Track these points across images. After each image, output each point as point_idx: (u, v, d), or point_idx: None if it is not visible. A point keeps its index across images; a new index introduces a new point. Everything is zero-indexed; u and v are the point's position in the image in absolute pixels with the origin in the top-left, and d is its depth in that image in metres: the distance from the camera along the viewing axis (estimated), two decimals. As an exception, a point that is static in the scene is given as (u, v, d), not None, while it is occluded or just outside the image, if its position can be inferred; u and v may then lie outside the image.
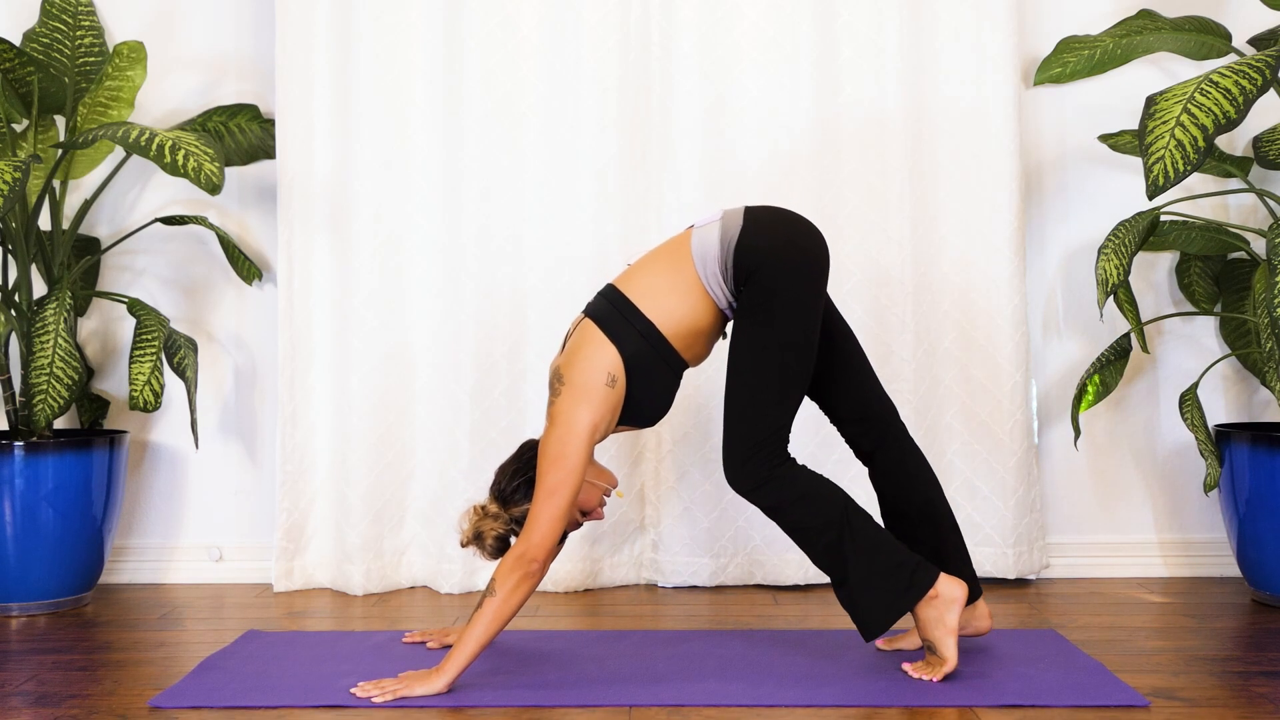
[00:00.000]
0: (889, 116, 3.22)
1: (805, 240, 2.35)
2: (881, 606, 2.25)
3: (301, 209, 3.27)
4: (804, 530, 2.29)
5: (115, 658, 2.60)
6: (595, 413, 2.28)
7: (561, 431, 2.28)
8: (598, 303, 2.39)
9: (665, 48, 3.24)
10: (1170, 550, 3.34)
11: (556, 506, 2.25)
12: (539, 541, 2.23)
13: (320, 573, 3.28)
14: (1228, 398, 3.36)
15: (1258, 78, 2.45)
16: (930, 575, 2.27)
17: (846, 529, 2.26)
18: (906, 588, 2.25)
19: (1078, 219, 3.37)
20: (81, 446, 3.06)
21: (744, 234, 2.31)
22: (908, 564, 2.27)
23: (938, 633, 2.27)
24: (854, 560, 2.26)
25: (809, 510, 2.28)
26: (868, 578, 2.26)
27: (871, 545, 2.27)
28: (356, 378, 3.23)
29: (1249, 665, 2.43)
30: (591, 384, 2.29)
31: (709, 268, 2.33)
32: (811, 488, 2.30)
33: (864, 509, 2.32)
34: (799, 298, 2.30)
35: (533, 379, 3.23)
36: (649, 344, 2.32)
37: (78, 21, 3.27)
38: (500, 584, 2.22)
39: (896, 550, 2.28)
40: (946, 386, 3.23)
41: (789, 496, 2.28)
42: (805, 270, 2.32)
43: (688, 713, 2.15)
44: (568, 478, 2.25)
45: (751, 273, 2.29)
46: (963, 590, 2.28)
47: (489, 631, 2.23)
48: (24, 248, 3.13)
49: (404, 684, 2.23)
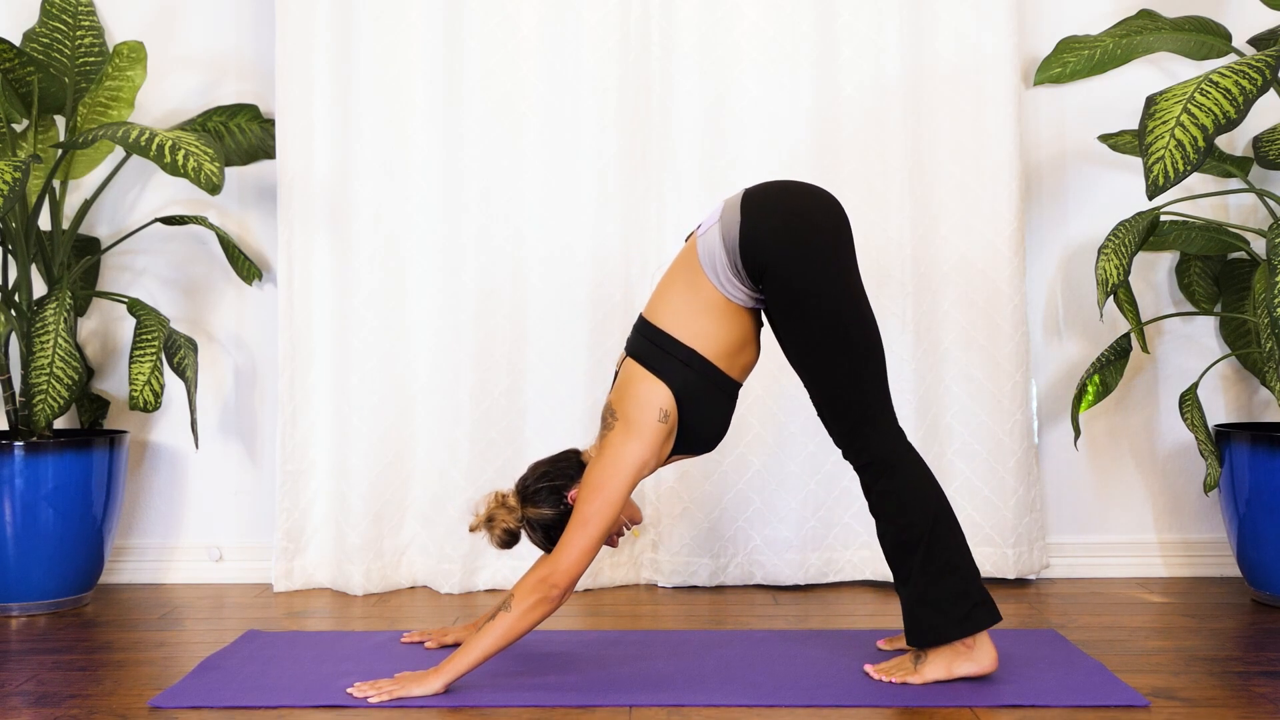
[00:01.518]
0: (889, 116, 3.22)
1: (805, 204, 2.29)
2: (933, 626, 2.24)
3: (301, 209, 3.27)
4: (885, 519, 2.28)
5: (115, 658, 2.60)
6: (646, 449, 2.26)
7: (607, 463, 2.26)
8: (635, 340, 2.36)
9: (665, 48, 3.24)
10: (1170, 550, 3.34)
11: (589, 536, 2.22)
12: (566, 568, 2.20)
13: (320, 573, 3.28)
14: (1228, 398, 3.36)
15: (1258, 78, 2.45)
16: (987, 619, 2.24)
17: (927, 536, 2.24)
18: (963, 619, 2.24)
19: (1078, 219, 3.37)
20: (81, 446, 3.06)
21: (743, 228, 2.25)
22: (972, 597, 2.24)
23: (938, 664, 2.26)
24: (921, 569, 2.24)
25: (898, 505, 2.26)
26: (929, 593, 2.24)
27: (945, 563, 2.24)
28: (356, 378, 3.23)
29: (1249, 665, 2.43)
30: (644, 420, 2.26)
31: (722, 275, 2.28)
32: (910, 484, 2.26)
33: (955, 522, 2.28)
34: (821, 274, 2.24)
35: (533, 379, 3.24)
36: (695, 372, 2.29)
37: (78, 21, 3.27)
38: (518, 601, 2.20)
39: (966, 579, 2.25)
40: (946, 386, 3.23)
41: (886, 485, 2.26)
42: (815, 241, 2.25)
43: (688, 713, 2.15)
44: (605, 509, 2.23)
45: (764, 267, 2.24)
46: (990, 666, 2.26)
47: (496, 645, 2.21)
48: (24, 248, 3.13)
49: (400, 685, 2.23)
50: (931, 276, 3.24)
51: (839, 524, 3.21)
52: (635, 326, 2.39)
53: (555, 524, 2.33)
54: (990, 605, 2.26)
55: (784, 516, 3.20)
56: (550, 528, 2.34)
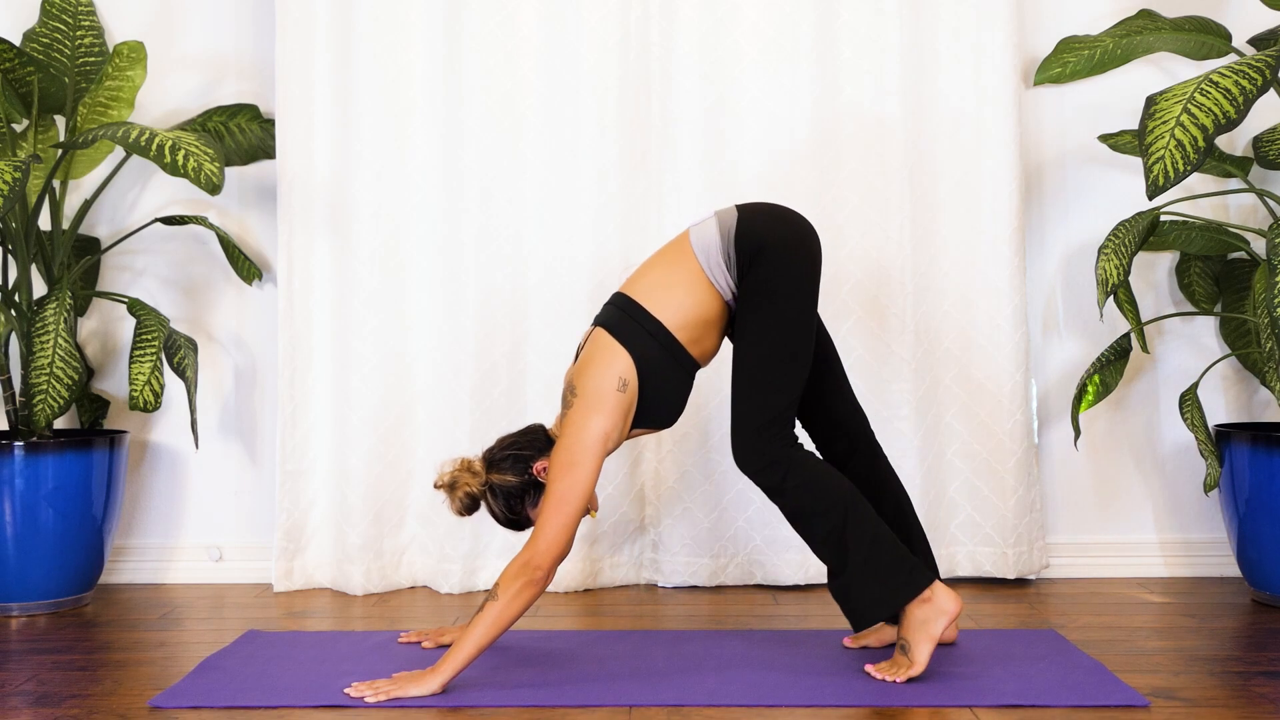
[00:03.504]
0: (889, 116, 3.22)
1: (799, 231, 2.41)
2: (876, 598, 2.27)
3: (301, 209, 3.27)
4: (806, 516, 2.31)
5: (115, 658, 2.60)
6: (607, 420, 2.29)
7: (571, 441, 2.28)
8: (606, 311, 2.43)
9: (665, 48, 3.24)
10: (1170, 550, 3.34)
11: (564, 515, 2.25)
12: (544, 549, 2.23)
13: (320, 573, 3.28)
14: (1228, 398, 3.36)
15: (1258, 78, 2.45)
16: (928, 577, 2.28)
17: (849, 518, 2.28)
18: (905, 584, 2.27)
19: (1078, 219, 3.37)
20: (81, 446, 3.06)
21: (741, 223, 2.38)
22: (907, 561, 2.29)
23: (918, 635, 2.27)
24: (854, 550, 2.27)
25: (813, 496, 2.30)
26: (865, 569, 2.27)
27: (872, 538, 2.28)
28: (357, 378, 3.23)
29: (1249, 665, 2.43)
30: (603, 391, 2.30)
31: (712, 258, 2.36)
32: (817, 474, 2.31)
33: (867, 502, 2.33)
34: (799, 280, 2.35)
35: (533, 379, 3.24)
36: (658, 343, 2.34)
37: (78, 21, 3.27)
38: (503, 589, 2.22)
39: (897, 546, 2.30)
40: (946, 386, 3.23)
41: (795, 480, 2.30)
42: (803, 255, 2.37)
43: (688, 713, 2.15)
44: (577, 486, 2.26)
45: (754, 255, 2.33)
46: (956, 605, 2.28)
47: (488, 635, 2.22)
48: (24, 248, 3.13)
49: (398, 684, 2.23)
50: (931, 276, 3.23)
51: (839, 524, 3.21)
52: (609, 300, 2.45)
53: (517, 492, 2.38)
54: (921, 567, 2.30)
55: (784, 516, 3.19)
56: (511, 495, 2.38)
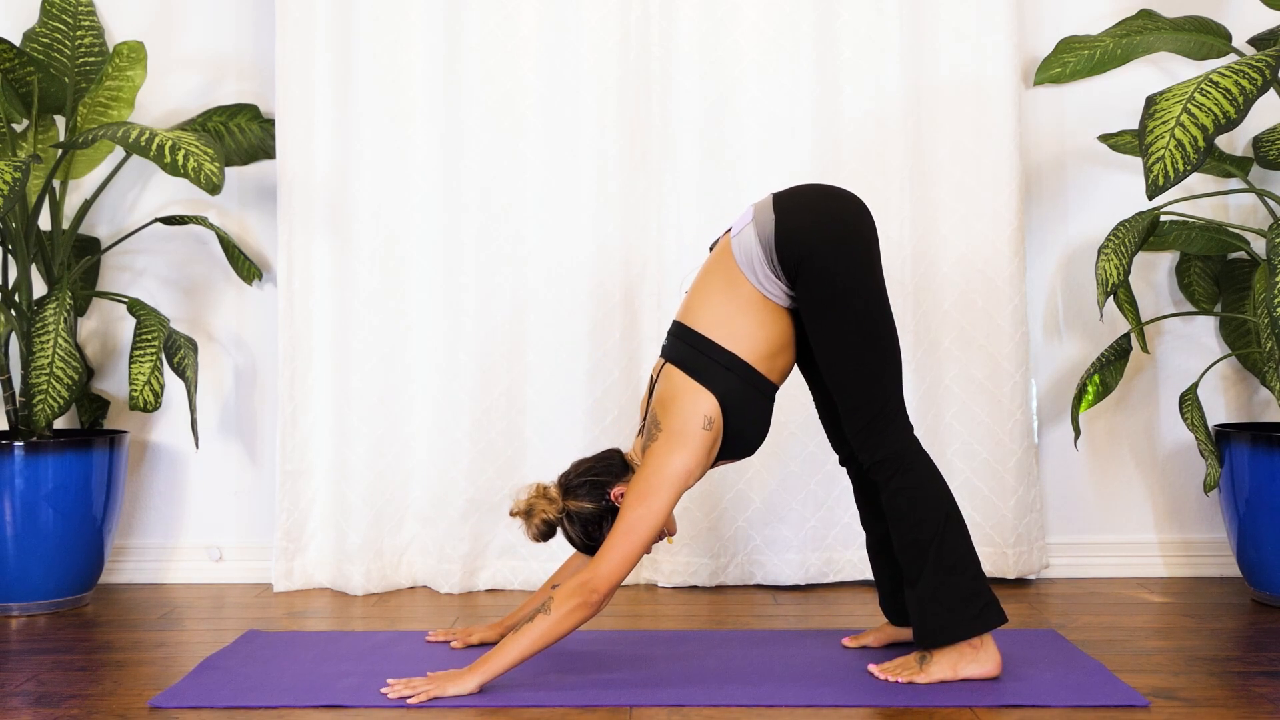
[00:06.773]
0: (889, 116, 3.22)
1: (838, 206, 2.32)
2: (941, 624, 2.25)
3: (301, 209, 3.27)
4: (898, 518, 2.28)
5: (115, 658, 2.60)
6: (692, 458, 2.26)
7: (651, 472, 2.25)
8: (673, 345, 2.36)
9: (665, 48, 3.24)
10: (1170, 550, 3.34)
11: (632, 544, 2.22)
12: (606, 574, 2.20)
13: (320, 573, 3.28)
14: (1228, 398, 3.36)
15: (1258, 78, 2.45)
16: (996, 619, 2.26)
17: (937, 536, 2.25)
18: (973, 618, 2.24)
19: (1078, 219, 3.37)
20: (81, 446, 3.06)
21: (779, 223, 2.27)
22: (980, 598, 2.25)
23: (943, 664, 2.26)
24: (931, 568, 2.24)
25: (910, 502, 2.26)
26: (940, 592, 2.24)
27: (952, 564, 2.25)
28: (357, 378, 3.23)
29: (1249, 665, 2.43)
30: (689, 430, 2.26)
31: (759, 270, 2.29)
32: (923, 480, 2.27)
33: (964, 521, 2.29)
34: (854, 272, 2.27)
35: (532, 379, 3.24)
36: (738, 377, 2.29)
37: (78, 21, 3.27)
38: (558, 605, 2.20)
39: (977, 579, 2.26)
40: (946, 386, 3.23)
41: (900, 483, 2.27)
42: (851, 245, 2.28)
43: (688, 713, 2.15)
44: (649, 516, 2.22)
45: (800, 260, 2.25)
46: (995, 669, 2.27)
47: (534, 647, 2.20)
48: (24, 248, 3.13)
49: (435, 684, 2.22)
50: (931, 276, 3.24)
51: (839, 524, 3.21)
52: (671, 332, 2.38)
53: (594, 518, 2.34)
54: (997, 606, 2.26)
55: (784, 516, 3.20)
56: (589, 522, 2.34)
